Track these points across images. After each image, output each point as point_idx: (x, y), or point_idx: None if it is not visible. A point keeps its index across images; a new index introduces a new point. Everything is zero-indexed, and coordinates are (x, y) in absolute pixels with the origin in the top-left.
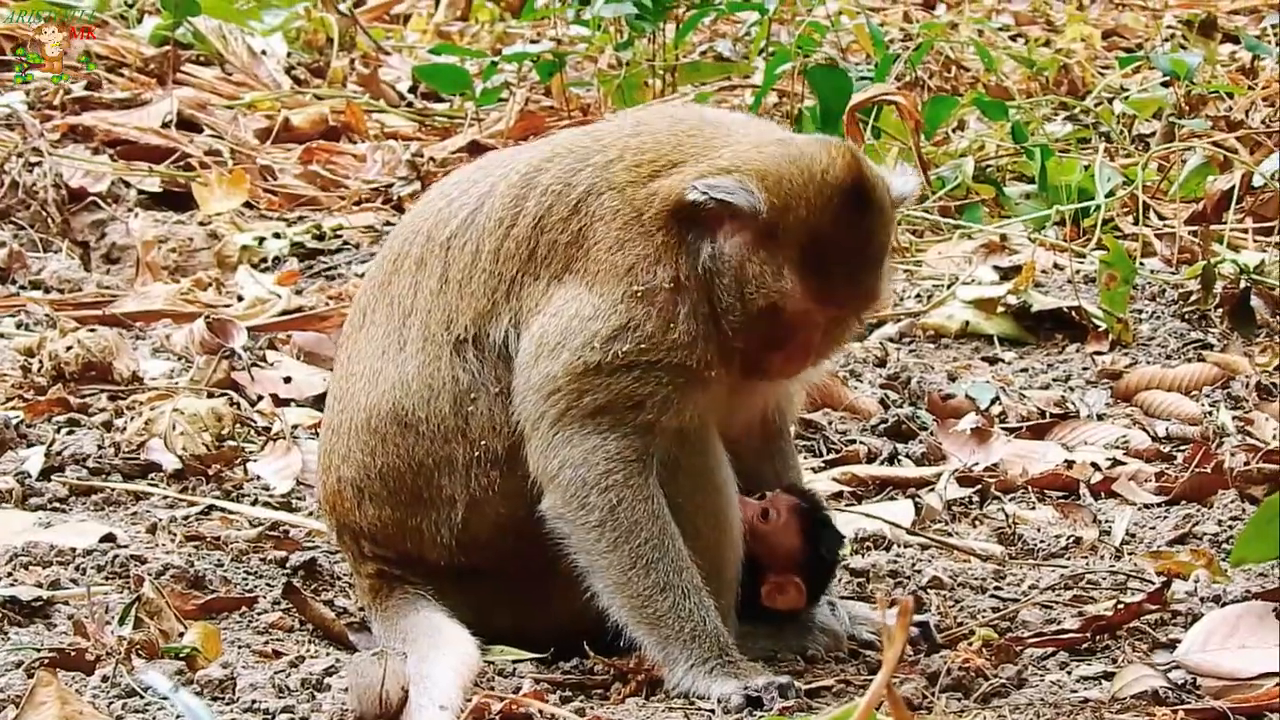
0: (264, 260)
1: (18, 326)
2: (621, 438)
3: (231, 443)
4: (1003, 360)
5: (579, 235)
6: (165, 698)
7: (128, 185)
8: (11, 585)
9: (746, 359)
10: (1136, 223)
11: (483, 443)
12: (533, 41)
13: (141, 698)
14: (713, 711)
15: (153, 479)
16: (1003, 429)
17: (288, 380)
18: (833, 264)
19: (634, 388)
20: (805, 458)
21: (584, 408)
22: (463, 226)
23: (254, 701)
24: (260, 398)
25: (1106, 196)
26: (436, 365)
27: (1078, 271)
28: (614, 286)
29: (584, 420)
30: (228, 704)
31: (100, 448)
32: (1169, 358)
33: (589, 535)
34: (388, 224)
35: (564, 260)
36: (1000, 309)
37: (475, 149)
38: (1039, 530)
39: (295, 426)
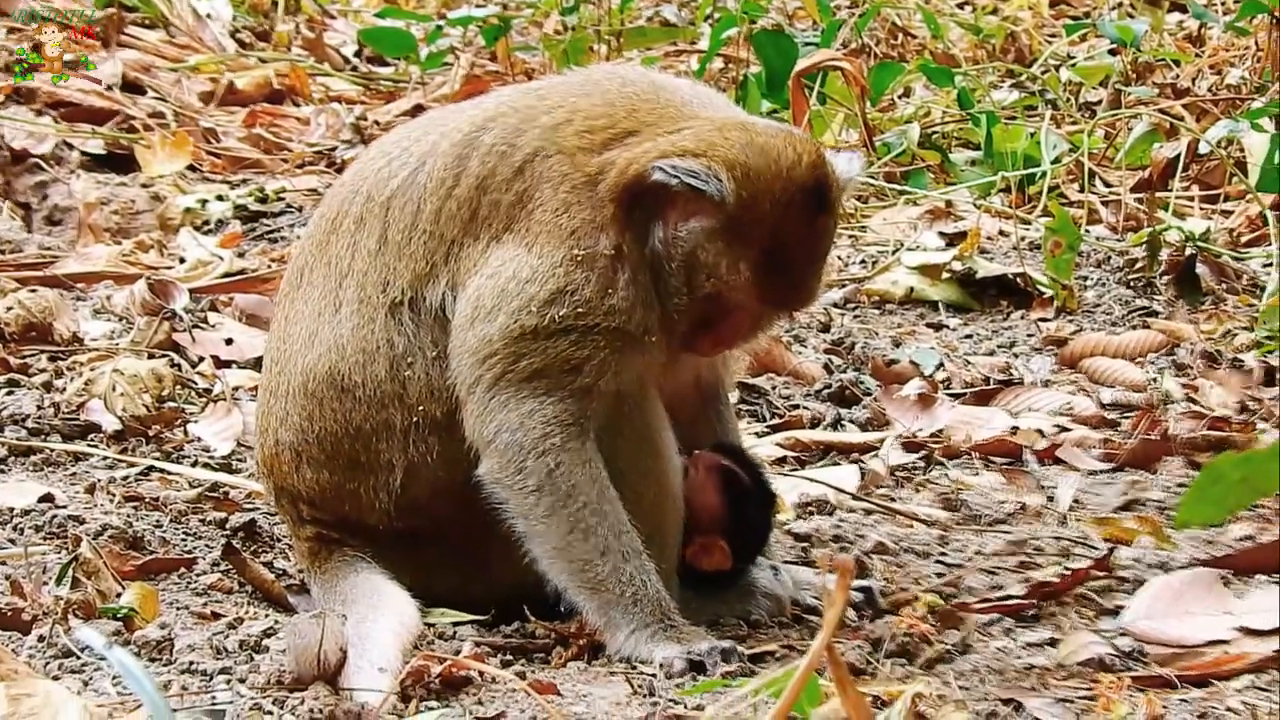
0: (206, 223)
1: None
2: (558, 401)
3: (172, 404)
4: (947, 326)
5: (522, 196)
6: (102, 657)
7: (70, 147)
8: None
9: (677, 333)
10: (1082, 190)
11: (420, 408)
12: (478, 5)
13: (78, 658)
14: (655, 676)
15: (92, 439)
16: (947, 395)
17: (229, 342)
18: (788, 264)
19: (571, 351)
20: (748, 422)
21: (520, 371)
22: (403, 186)
23: (191, 663)
24: (201, 359)
25: (1052, 163)
26: (371, 328)
27: (1023, 238)
28: (555, 249)
29: (520, 384)
30: (165, 665)
31: (40, 408)
32: (1114, 324)
33: (527, 500)
34: (331, 187)
35: (505, 221)
36: (945, 275)
37: (420, 113)
38: (984, 496)
39: (236, 388)
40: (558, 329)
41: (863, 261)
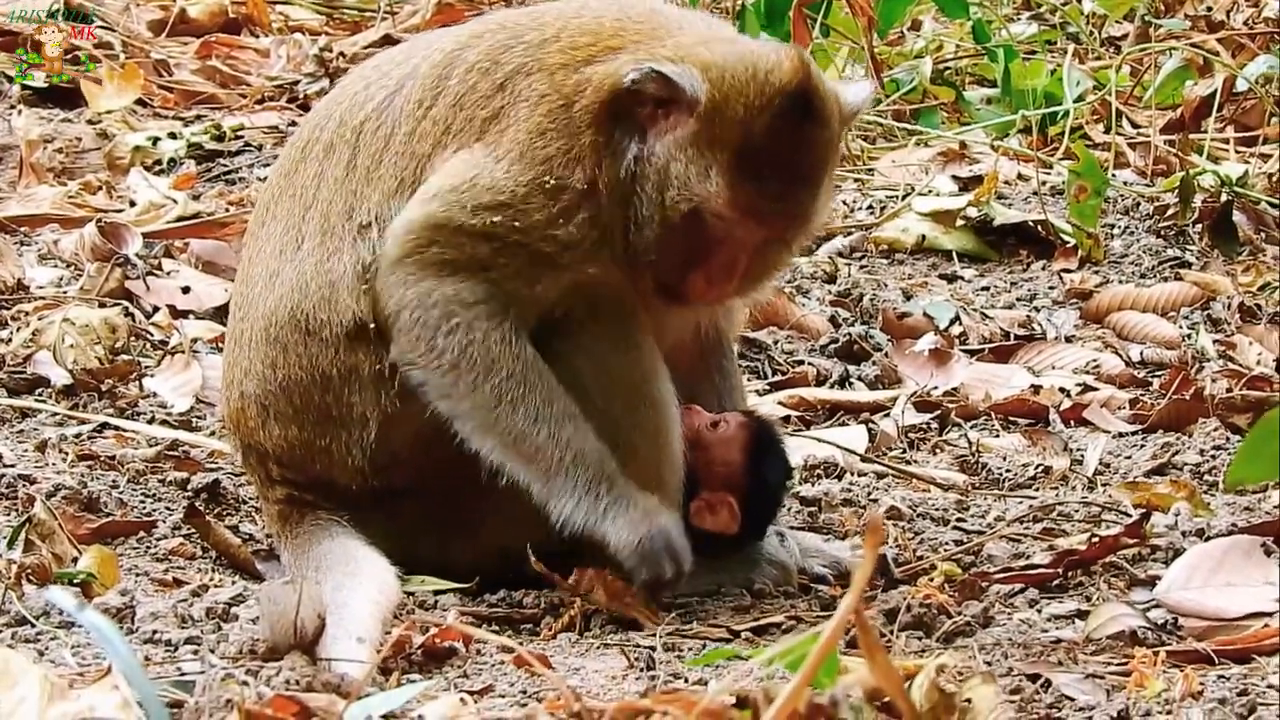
0: (158, 162)
1: None
2: (460, 281)
3: (126, 357)
4: (962, 277)
5: (499, 113)
6: (63, 626)
7: (10, 79)
8: None
9: (663, 279)
10: (1108, 131)
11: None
12: None
13: (33, 626)
14: (653, 649)
15: (40, 394)
16: (963, 351)
17: (186, 290)
18: (764, 173)
19: (488, 256)
20: (749, 379)
21: (426, 257)
22: (378, 110)
23: (155, 632)
24: (156, 309)
25: (1075, 102)
26: (337, 259)
27: (1044, 182)
28: (524, 170)
29: (424, 266)
30: (127, 634)
31: None
32: (1143, 276)
33: (445, 379)
34: (292, 124)
35: (477, 133)
36: (960, 222)
37: (388, 44)
38: (1004, 459)
39: (195, 340)
40: (481, 232)
41: (870, 207)
